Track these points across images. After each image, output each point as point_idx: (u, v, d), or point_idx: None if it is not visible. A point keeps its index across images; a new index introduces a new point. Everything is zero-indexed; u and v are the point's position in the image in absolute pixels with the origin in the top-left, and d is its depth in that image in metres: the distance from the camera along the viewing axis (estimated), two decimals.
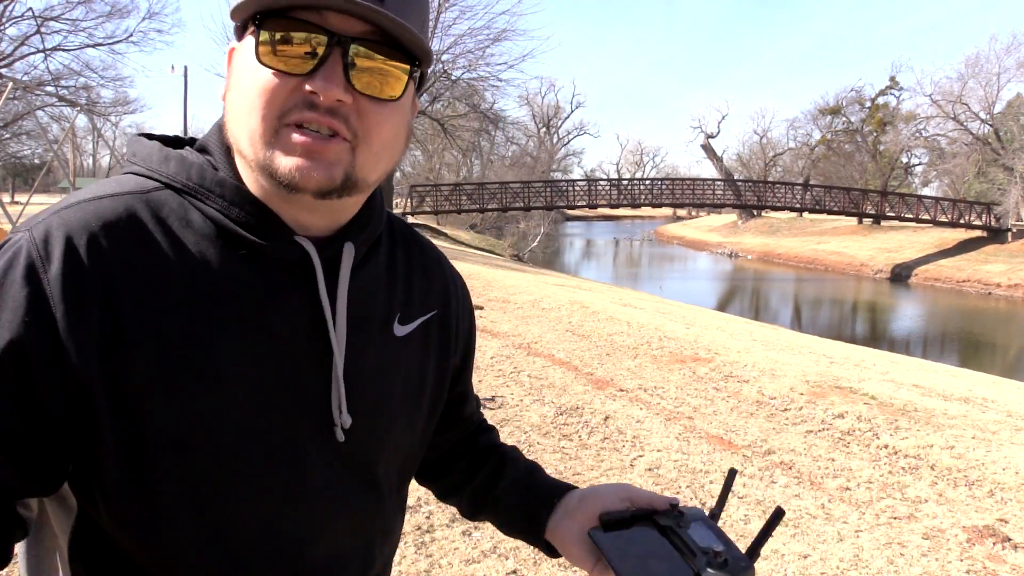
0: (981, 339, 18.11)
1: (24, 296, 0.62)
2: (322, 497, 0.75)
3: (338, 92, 0.64)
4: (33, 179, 32.96)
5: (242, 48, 0.69)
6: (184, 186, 0.70)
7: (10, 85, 11.91)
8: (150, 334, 0.65)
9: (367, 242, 0.78)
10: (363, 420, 0.76)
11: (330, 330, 0.72)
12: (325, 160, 0.66)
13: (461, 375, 0.95)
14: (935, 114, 36.72)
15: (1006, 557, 3.18)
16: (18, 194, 50.02)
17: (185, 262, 0.67)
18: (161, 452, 0.66)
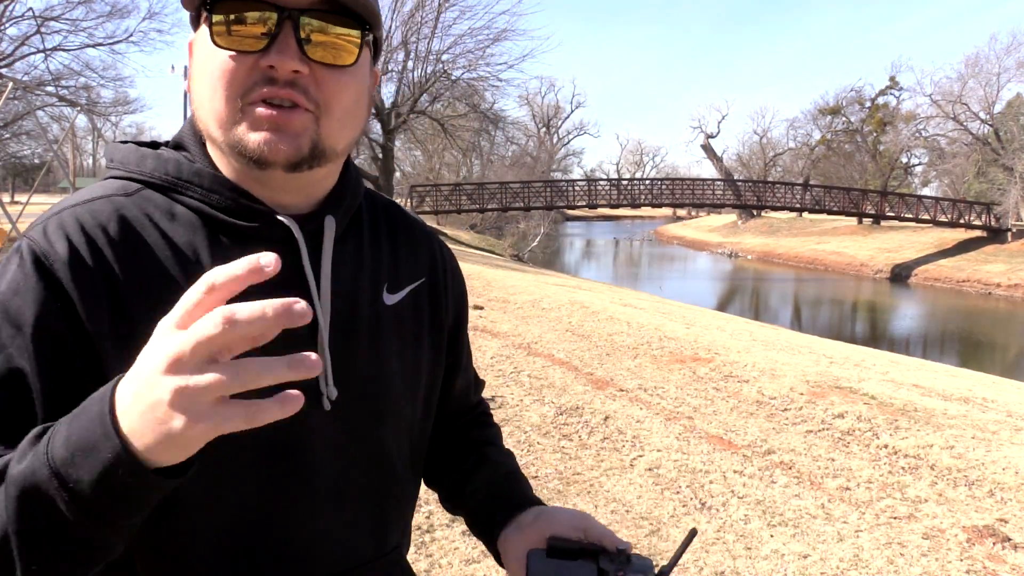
0: (981, 339, 18.11)
1: (41, 287, 0.65)
2: (324, 469, 0.76)
3: (294, 63, 0.66)
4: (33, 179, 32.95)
5: (198, 36, 0.71)
6: (163, 181, 0.73)
7: (10, 85, 11.91)
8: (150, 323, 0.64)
9: (347, 214, 0.80)
10: (356, 389, 0.77)
11: (315, 301, 0.73)
12: (290, 131, 0.68)
13: (456, 341, 0.95)
14: (935, 114, 36.74)
15: (1006, 557, 3.18)
16: (18, 194, 50.00)
17: (175, 253, 0.70)
18: None
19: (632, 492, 3.73)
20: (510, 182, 33.51)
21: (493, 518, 0.89)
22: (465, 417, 1.03)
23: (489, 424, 1.05)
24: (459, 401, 1.01)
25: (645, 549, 3.13)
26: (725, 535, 3.29)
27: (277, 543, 0.74)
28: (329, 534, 0.77)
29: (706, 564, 3.02)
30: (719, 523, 3.41)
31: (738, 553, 3.13)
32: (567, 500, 3.58)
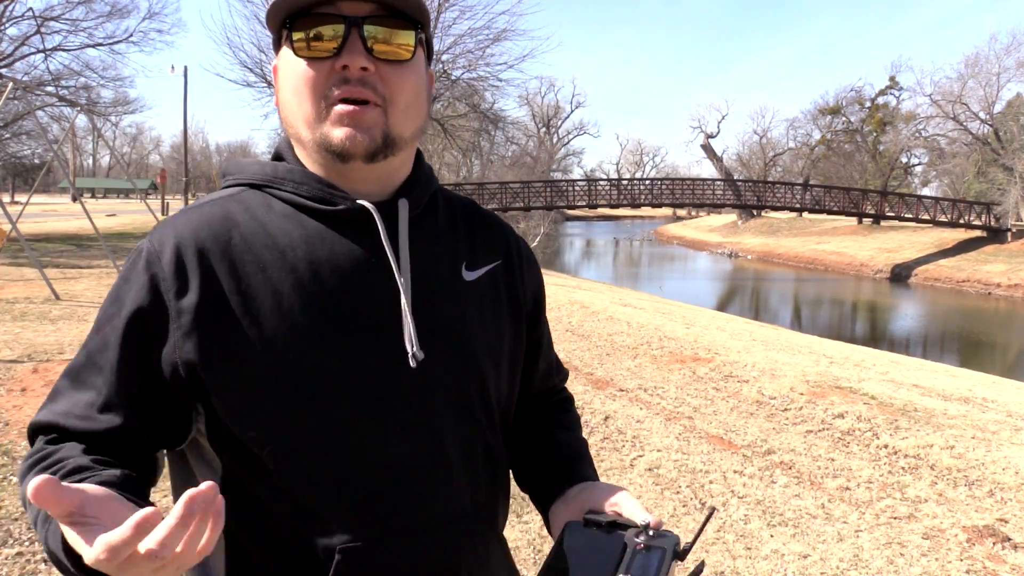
0: (981, 339, 18.10)
1: (145, 280, 0.81)
2: (417, 425, 0.85)
3: (362, 61, 0.79)
4: (33, 179, 32.93)
5: (282, 56, 0.85)
6: (261, 181, 0.88)
7: (10, 85, 11.89)
8: (244, 300, 0.81)
9: (419, 199, 0.91)
10: (441, 351, 0.87)
11: (394, 271, 0.85)
12: (365, 125, 0.81)
13: (535, 321, 1.04)
14: (935, 114, 36.68)
15: (1006, 557, 3.18)
16: (18, 194, 49.97)
17: (271, 237, 0.83)
18: (265, 393, 0.80)
19: (632, 492, 3.72)
20: (510, 182, 33.51)
21: (548, 492, 0.96)
22: (549, 400, 1.11)
23: (567, 410, 1.11)
24: (542, 382, 1.09)
25: None
26: (725, 535, 3.29)
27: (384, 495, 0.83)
28: (427, 486, 0.85)
29: (706, 564, 3.02)
30: (719, 523, 3.41)
31: (738, 553, 3.13)
32: None
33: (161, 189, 44.22)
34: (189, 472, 0.90)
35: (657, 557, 0.77)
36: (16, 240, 10.64)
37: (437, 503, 0.86)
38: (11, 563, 2.71)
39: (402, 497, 0.84)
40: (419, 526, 0.84)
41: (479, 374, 0.91)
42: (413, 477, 0.85)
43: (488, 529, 0.93)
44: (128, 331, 0.80)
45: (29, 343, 6.07)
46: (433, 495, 0.86)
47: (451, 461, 0.88)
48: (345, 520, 0.82)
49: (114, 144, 77.41)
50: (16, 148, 28.80)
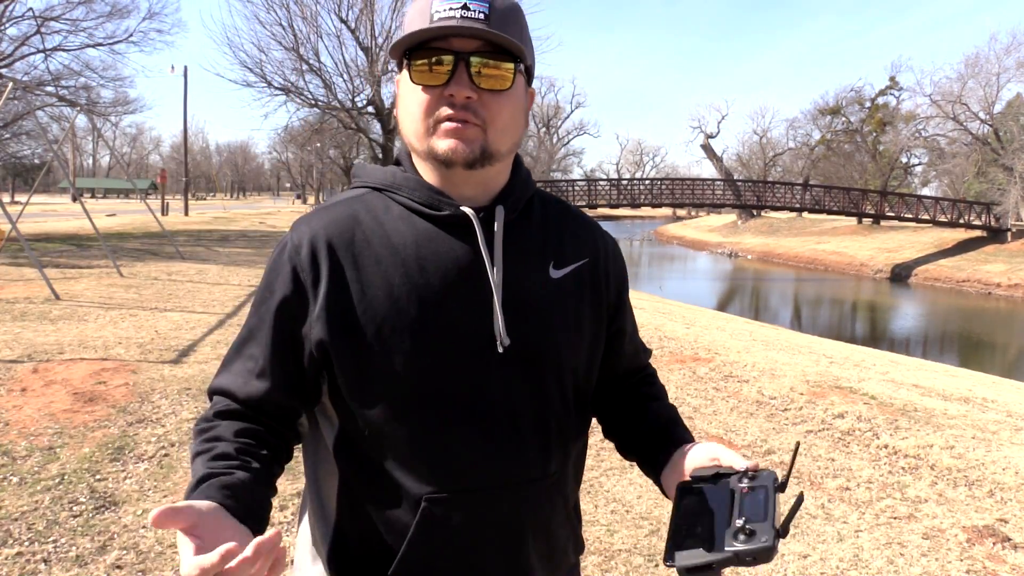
0: (981, 339, 18.10)
1: (289, 270, 0.99)
2: (499, 401, 1.00)
3: (466, 91, 0.94)
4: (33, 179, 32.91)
5: (401, 80, 1.01)
6: (383, 185, 1.04)
7: (10, 85, 11.89)
8: (362, 289, 0.97)
9: (515, 205, 1.05)
10: (524, 340, 1.01)
11: (487, 270, 0.99)
12: (466, 139, 0.95)
13: (618, 312, 1.16)
14: (935, 114, 36.67)
15: (1006, 557, 3.18)
16: (18, 194, 49.98)
17: (387, 235, 1.00)
18: (372, 369, 0.97)
19: (632, 492, 3.73)
20: None
21: (656, 459, 1.09)
22: (635, 378, 1.24)
23: (654, 383, 1.25)
24: (629, 362, 1.22)
25: (645, 549, 3.13)
26: None
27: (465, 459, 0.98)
28: (503, 451, 1.00)
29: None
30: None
31: None
32: None
33: (161, 189, 44.20)
34: (316, 427, 1.07)
35: (762, 495, 0.87)
36: (16, 240, 10.64)
37: (510, 468, 1.01)
38: (11, 563, 2.71)
39: (480, 460, 0.99)
40: (493, 485, 1.00)
41: (556, 361, 1.04)
42: (491, 443, 0.99)
43: (556, 495, 1.07)
44: (278, 312, 0.99)
45: (29, 343, 6.07)
46: (507, 461, 1.00)
47: (524, 434, 1.02)
48: (432, 474, 0.98)
49: (114, 144, 77.34)
50: (16, 148, 28.78)
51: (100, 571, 2.70)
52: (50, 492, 3.31)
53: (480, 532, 1.00)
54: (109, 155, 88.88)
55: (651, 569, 2.97)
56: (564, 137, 72.31)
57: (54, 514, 3.11)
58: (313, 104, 22.92)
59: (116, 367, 5.36)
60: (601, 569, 2.95)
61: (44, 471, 3.54)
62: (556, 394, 1.05)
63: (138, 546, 2.89)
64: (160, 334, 6.74)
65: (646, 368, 1.28)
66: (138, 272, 11.67)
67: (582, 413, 1.12)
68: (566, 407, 1.07)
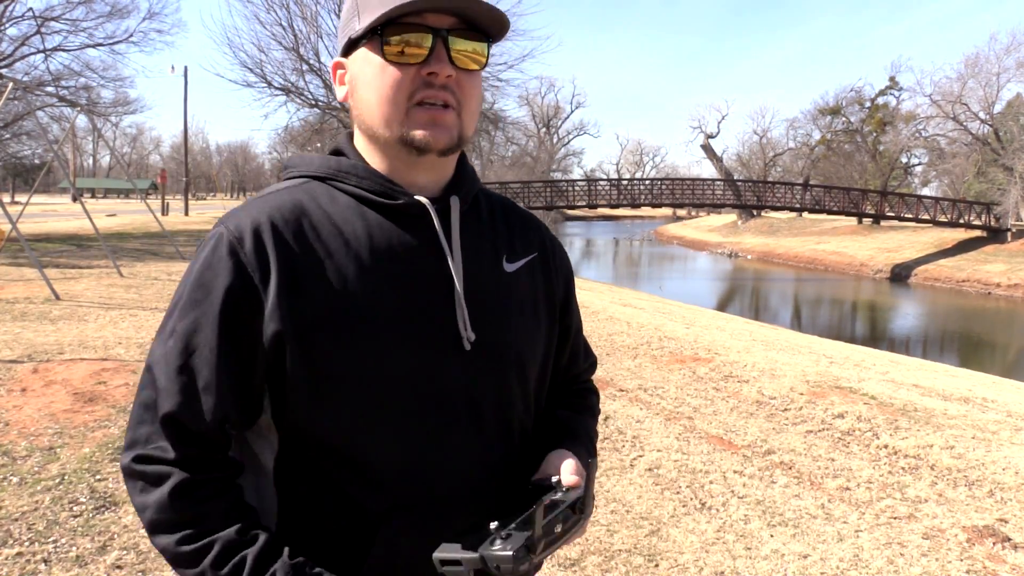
0: (981, 339, 18.10)
1: (231, 266, 0.87)
2: (464, 400, 0.93)
3: (448, 69, 0.88)
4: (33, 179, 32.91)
5: (360, 60, 0.93)
6: (326, 174, 0.95)
7: (10, 85, 11.89)
8: (315, 282, 0.88)
9: (467, 196, 1.00)
10: (488, 335, 0.95)
11: (449, 262, 0.93)
12: (445, 126, 0.90)
13: (566, 309, 1.12)
14: (935, 114, 36.65)
15: (1006, 557, 3.18)
16: (18, 194, 49.96)
17: (336, 227, 0.91)
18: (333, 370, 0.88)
19: (632, 492, 3.73)
20: (510, 182, 33.50)
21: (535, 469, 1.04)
22: (572, 386, 1.18)
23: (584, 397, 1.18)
24: (569, 367, 1.16)
25: (645, 549, 3.13)
26: (725, 535, 3.29)
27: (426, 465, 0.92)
28: (467, 457, 0.94)
29: (706, 564, 3.02)
30: (719, 523, 3.41)
31: (738, 553, 3.13)
32: None
33: (161, 189, 44.22)
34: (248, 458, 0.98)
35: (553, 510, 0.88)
36: (16, 240, 10.64)
37: (476, 474, 0.94)
38: (11, 563, 2.71)
39: (444, 466, 0.92)
40: (456, 495, 0.93)
41: (519, 358, 1.00)
42: (457, 448, 0.93)
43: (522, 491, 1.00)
44: (224, 313, 0.86)
45: (29, 343, 6.07)
46: (472, 467, 0.94)
47: (490, 437, 0.96)
48: (395, 484, 0.91)
49: (114, 144, 77.35)
50: (16, 148, 28.80)
51: (100, 571, 2.70)
52: (50, 492, 3.31)
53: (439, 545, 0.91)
54: (109, 155, 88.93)
55: (651, 569, 2.97)
56: (564, 137, 72.34)
57: (54, 514, 3.11)
58: (313, 104, 22.90)
59: (116, 367, 5.36)
60: (601, 569, 2.95)
61: (44, 471, 3.54)
62: (519, 393, 1.01)
63: (138, 546, 2.89)
64: None
65: (586, 382, 1.21)
66: (138, 272, 11.67)
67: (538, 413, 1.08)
68: (527, 408, 1.03)
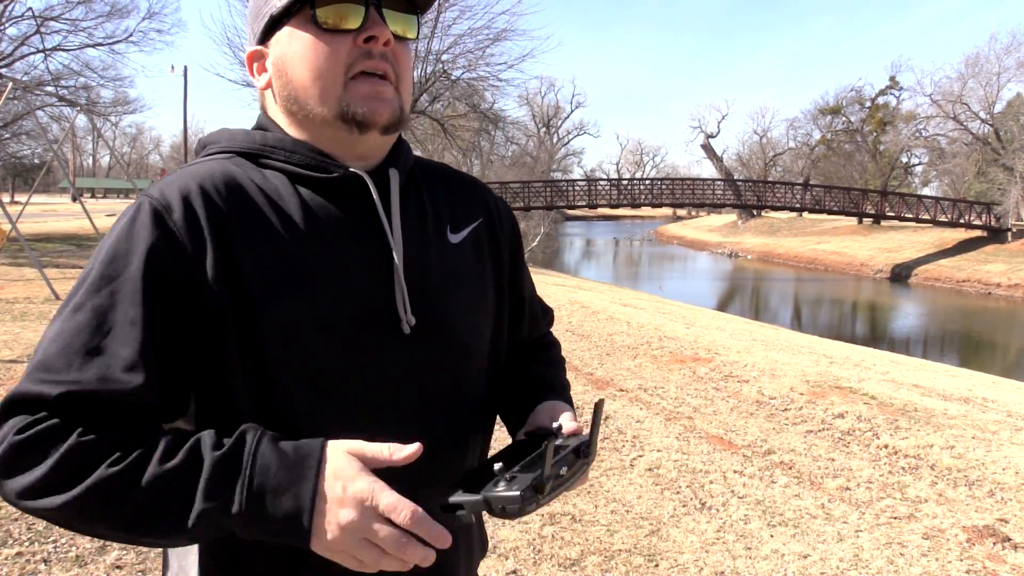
0: (981, 339, 18.10)
1: (156, 236, 0.78)
2: (408, 389, 0.87)
3: (386, 34, 0.83)
4: (33, 179, 32.90)
5: (286, 38, 0.86)
6: (252, 149, 0.88)
7: (10, 85, 11.90)
8: (252, 256, 0.81)
9: (405, 168, 0.94)
10: (432, 317, 0.89)
11: (388, 237, 0.87)
12: (387, 99, 0.85)
13: (515, 273, 1.07)
14: (935, 114, 36.68)
15: (1006, 557, 3.18)
16: (18, 194, 49.95)
17: (268, 201, 0.84)
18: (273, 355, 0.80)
19: (632, 492, 3.73)
20: (510, 182, 33.47)
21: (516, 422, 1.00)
22: (531, 346, 1.13)
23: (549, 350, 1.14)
24: (529, 331, 1.12)
25: (645, 549, 3.13)
26: (725, 535, 3.29)
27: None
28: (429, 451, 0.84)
29: (706, 564, 3.02)
30: (719, 523, 3.41)
31: (738, 553, 3.13)
32: (567, 500, 3.58)
33: None
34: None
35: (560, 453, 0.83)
36: (16, 240, 10.64)
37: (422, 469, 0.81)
38: (11, 563, 2.71)
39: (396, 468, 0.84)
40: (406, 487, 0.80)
41: (468, 338, 0.94)
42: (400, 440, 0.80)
43: None
44: (147, 284, 0.76)
45: (29, 343, 6.07)
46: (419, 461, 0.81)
47: (438, 427, 0.90)
48: None
49: (114, 144, 77.32)
50: (16, 148, 28.79)
51: (100, 571, 2.70)
52: None
53: None
54: (109, 155, 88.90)
55: (651, 569, 2.97)
56: (564, 137, 72.32)
57: None
58: None
59: None
60: (601, 569, 2.95)
61: None
62: (471, 377, 0.95)
63: (138, 546, 2.89)
64: None
65: (546, 336, 1.17)
66: None
67: (492, 398, 1.02)
68: (481, 383, 0.97)
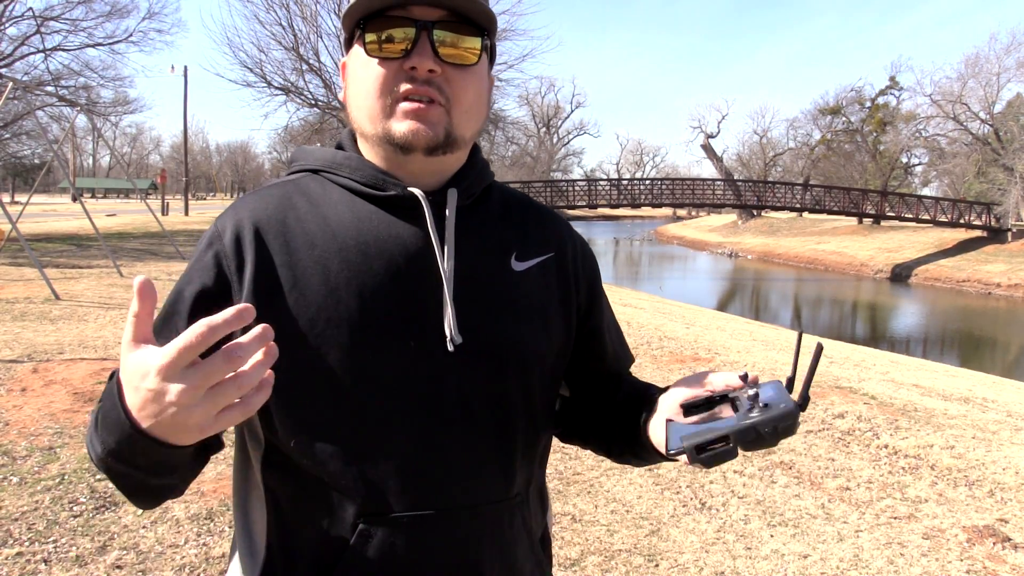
0: (981, 339, 18.10)
1: (210, 257, 0.87)
2: (453, 409, 0.87)
3: (429, 63, 0.83)
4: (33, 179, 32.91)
5: (352, 56, 0.91)
6: (321, 167, 0.94)
7: (10, 85, 11.89)
8: (293, 276, 0.85)
9: (469, 190, 0.94)
10: (481, 339, 0.89)
11: (438, 258, 0.88)
12: (429, 121, 0.85)
13: (592, 311, 1.04)
14: (935, 114, 36.65)
15: (1006, 557, 3.18)
16: (18, 194, 49.97)
17: (324, 218, 0.89)
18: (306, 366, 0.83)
19: (632, 492, 3.73)
20: (510, 182, 33.47)
21: (638, 422, 0.95)
22: (616, 383, 1.08)
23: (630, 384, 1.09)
24: (611, 366, 1.08)
25: (645, 549, 3.13)
26: (725, 535, 3.29)
27: (412, 473, 0.85)
28: (458, 469, 0.87)
29: (706, 564, 3.02)
30: (719, 523, 3.41)
31: (738, 553, 3.13)
32: (567, 500, 3.58)
33: (161, 189, 44.25)
34: (244, 450, 0.95)
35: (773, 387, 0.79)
36: (16, 240, 10.64)
37: (464, 487, 0.87)
38: (11, 563, 2.71)
39: (428, 477, 0.86)
40: (444, 506, 0.86)
41: (520, 361, 0.92)
42: (442, 457, 0.86)
43: (518, 521, 0.93)
44: (195, 302, 0.85)
45: (29, 343, 6.07)
46: (461, 478, 0.87)
47: (482, 447, 0.89)
48: (371, 492, 0.85)
49: (114, 144, 77.28)
50: (16, 148, 28.80)
51: (100, 571, 2.70)
52: (50, 492, 3.31)
53: (427, 562, 0.86)
54: (109, 155, 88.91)
55: (651, 569, 2.97)
56: (564, 137, 72.36)
57: (54, 514, 3.11)
58: (313, 104, 22.90)
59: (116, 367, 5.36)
60: (601, 569, 2.95)
61: (44, 471, 3.54)
62: (520, 400, 0.92)
63: (138, 546, 2.89)
64: None
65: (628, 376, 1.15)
66: (138, 272, 11.67)
67: (547, 426, 1.00)
68: (531, 416, 0.94)
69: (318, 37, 22.08)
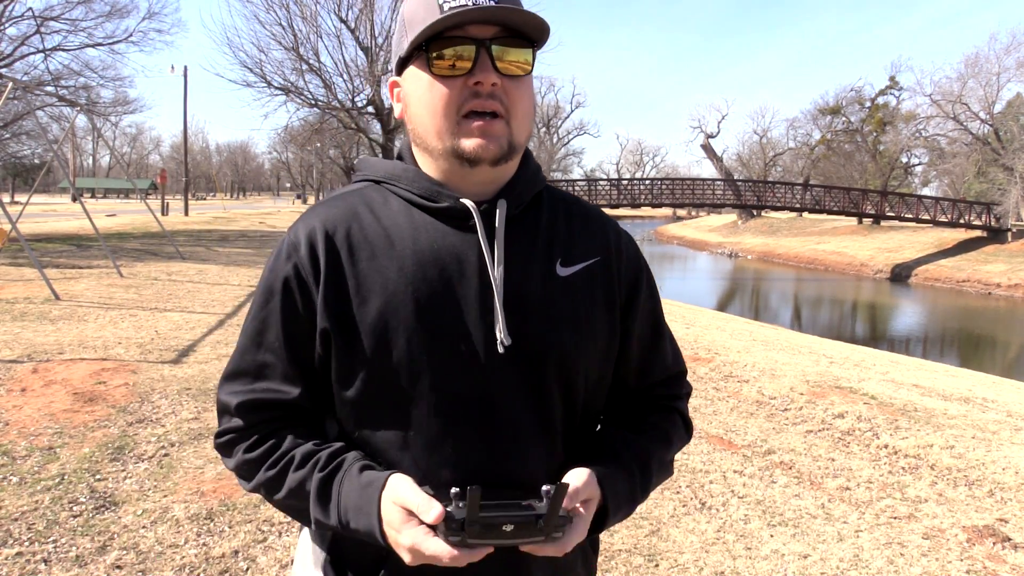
0: (981, 339, 18.10)
1: (290, 268, 0.96)
2: (501, 409, 0.94)
3: (492, 77, 0.91)
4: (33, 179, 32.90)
5: (410, 75, 0.98)
6: (383, 178, 1.02)
7: (10, 85, 11.89)
8: (358, 285, 0.94)
9: (520, 199, 1.01)
10: (528, 341, 0.95)
11: (488, 265, 0.95)
12: (494, 136, 0.92)
13: (629, 312, 1.06)
14: (935, 114, 36.66)
15: (1006, 557, 3.18)
16: (18, 194, 49.96)
17: (384, 229, 0.97)
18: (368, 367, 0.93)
19: None
20: None
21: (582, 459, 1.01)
22: (651, 400, 1.11)
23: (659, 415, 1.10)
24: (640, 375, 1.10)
25: (645, 549, 3.13)
26: (725, 535, 3.29)
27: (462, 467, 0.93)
28: (502, 461, 0.94)
29: (706, 564, 3.02)
30: (719, 523, 3.41)
31: (738, 553, 3.13)
32: None
33: (161, 189, 44.21)
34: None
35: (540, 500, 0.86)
36: (16, 240, 10.64)
37: (510, 479, 0.94)
38: (11, 563, 2.71)
39: (476, 469, 0.93)
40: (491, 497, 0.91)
41: (563, 363, 0.97)
42: (490, 451, 0.94)
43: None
44: (284, 313, 0.96)
45: (29, 343, 6.07)
46: (507, 477, 0.94)
47: (527, 442, 0.95)
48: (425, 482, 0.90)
49: (114, 144, 77.30)
50: (16, 148, 28.77)
51: (100, 571, 2.70)
52: (50, 492, 3.31)
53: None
54: (109, 155, 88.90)
55: (651, 569, 2.97)
56: (564, 137, 72.36)
57: (54, 514, 3.11)
58: (313, 104, 22.92)
59: (116, 367, 5.36)
60: (601, 569, 2.95)
61: (44, 471, 3.54)
62: (561, 400, 0.99)
63: (138, 546, 2.89)
64: (160, 334, 6.74)
65: (671, 398, 1.13)
66: (138, 272, 11.67)
67: (592, 423, 1.06)
68: (572, 414, 1.00)
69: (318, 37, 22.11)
